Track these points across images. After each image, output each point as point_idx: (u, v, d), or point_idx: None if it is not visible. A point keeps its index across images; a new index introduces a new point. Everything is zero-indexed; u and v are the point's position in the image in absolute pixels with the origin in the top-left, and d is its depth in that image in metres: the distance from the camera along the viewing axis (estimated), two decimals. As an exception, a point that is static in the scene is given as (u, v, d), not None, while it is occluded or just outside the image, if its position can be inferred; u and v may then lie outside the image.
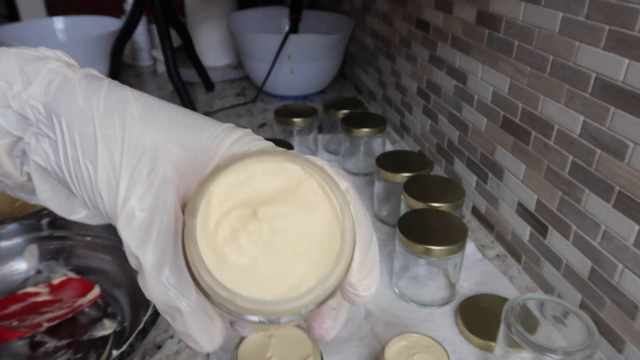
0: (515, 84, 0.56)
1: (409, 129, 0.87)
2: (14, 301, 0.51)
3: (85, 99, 0.22)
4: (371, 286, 0.23)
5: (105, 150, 0.21)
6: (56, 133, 0.22)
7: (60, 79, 0.23)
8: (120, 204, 0.21)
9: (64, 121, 0.22)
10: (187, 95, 0.92)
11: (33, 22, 1.10)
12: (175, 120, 0.23)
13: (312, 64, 1.00)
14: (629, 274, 0.43)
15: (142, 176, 0.21)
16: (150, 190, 0.21)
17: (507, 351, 0.41)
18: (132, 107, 0.22)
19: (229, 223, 0.20)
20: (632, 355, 0.44)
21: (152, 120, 0.22)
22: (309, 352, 0.40)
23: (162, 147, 0.22)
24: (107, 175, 0.21)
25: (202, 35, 1.18)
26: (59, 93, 0.22)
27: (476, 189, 0.66)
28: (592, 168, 0.46)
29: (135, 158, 0.21)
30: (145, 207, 0.21)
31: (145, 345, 0.47)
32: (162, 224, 0.21)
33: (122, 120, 0.22)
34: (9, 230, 0.54)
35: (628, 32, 0.41)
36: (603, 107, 0.44)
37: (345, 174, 0.23)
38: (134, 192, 0.21)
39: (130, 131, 0.22)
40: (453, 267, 0.52)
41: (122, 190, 0.21)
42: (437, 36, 0.72)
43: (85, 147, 0.22)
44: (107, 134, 0.22)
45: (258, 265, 0.19)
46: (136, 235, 0.21)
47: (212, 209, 0.20)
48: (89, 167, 0.22)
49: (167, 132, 0.22)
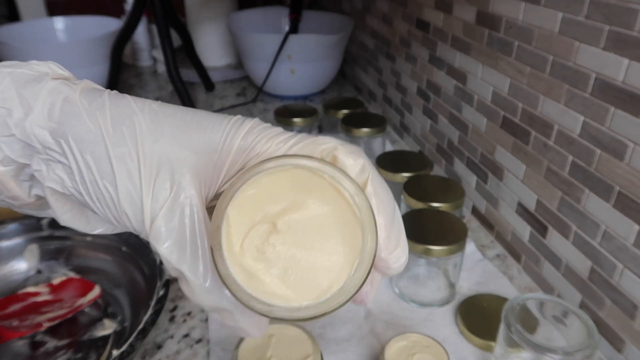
0: (515, 84, 0.56)
1: (409, 129, 0.87)
2: (14, 301, 0.51)
3: (91, 120, 0.22)
4: (401, 257, 0.23)
5: (122, 170, 0.21)
6: (68, 158, 0.22)
7: (61, 101, 0.23)
8: (148, 222, 0.21)
9: (74, 145, 0.22)
10: (187, 95, 0.92)
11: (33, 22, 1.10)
12: (184, 125, 0.23)
13: (312, 64, 1.00)
14: (628, 274, 0.43)
15: (165, 190, 0.21)
16: (175, 204, 0.21)
17: (507, 351, 0.41)
18: (139, 120, 0.22)
19: (252, 242, 0.20)
20: (631, 355, 0.44)
21: (162, 130, 0.22)
22: (309, 352, 0.40)
23: (177, 157, 0.22)
24: (129, 194, 0.21)
25: (202, 35, 1.18)
26: (64, 117, 0.22)
27: (476, 189, 0.66)
28: (592, 168, 0.46)
29: (154, 173, 0.22)
30: (174, 222, 0.21)
31: (146, 345, 0.48)
32: (194, 236, 0.21)
33: (132, 136, 0.22)
34: (10, 230, 0.54)
35: (628, 32, 0.41)
36: (603, 107, 0.44)
37: (360, 151, 0.23)
38: (160, 208, 0.21)
39: (143, 146, 0.22)
40: (453, 267, 0.52)
41: (147, 208, 0.21)
42: (437, 36, 0.72)
43: (101, 169, 0.22)
44: (121, 153, 0.22)
45: (288, 276, 0.20)
46: (173, 250, 0.21)
47: (233, 231, 0.21)
48: (109, 188, 0.22)
49: (179, 140, 0.22)
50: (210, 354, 0.46)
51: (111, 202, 0.22)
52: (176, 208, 0.21)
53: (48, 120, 0.22)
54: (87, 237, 0.55)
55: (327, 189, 0.21)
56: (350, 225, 0.20)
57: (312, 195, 0.21)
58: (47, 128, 0.22)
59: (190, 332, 0.49)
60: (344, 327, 0.49)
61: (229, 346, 0.46)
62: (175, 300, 0.53)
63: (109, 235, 0.54)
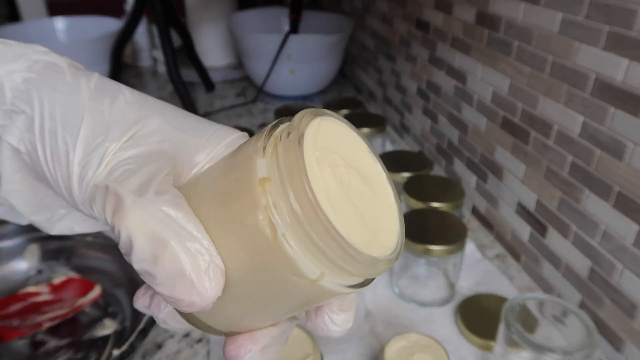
0: (514, 84, 0.56)
1: (409, 129, 0.87)
2: (14, 301, 0.51)
3: (73, 77, 0.20)
4: (349, 321, 0.22)
5: (89, 122, 0.19)
6: (34, 107, 0.20)
7: (46, 61, 0.21)
8: (102, 166, 0.18)
9: (46, 95, 0.20)
10: (187, 95, 0.92)
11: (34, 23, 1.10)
12: (172, 111, 0.21)
13: (312, 64, 1.00)
14: (628, 274, 0.43)
15: (137, 139, 0.19)
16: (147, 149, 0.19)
17: (506, 351, 0.42)
18: (125, 95, 0.20)
19: (327, 156, 0.17)
20: (631, 354, 0.44)
21: (150, 107, 0.21)
22: (309, 351, 0.40)
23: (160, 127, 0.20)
24: (88, 143, 0.19)
25: (202, 35, 1.18)
26: (45, 71, 0.20)
27: (476, 189, 0.67)
28: (592, 168, 0.46)
29: (130, 132, 0.19)
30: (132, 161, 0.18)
31: (146, 344, 0.48)
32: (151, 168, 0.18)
33: (112, 100, 0.20)
34: (10, 229, 0.54)
35: (627, 33, 0.41)
36: (602, 107, 0.44)
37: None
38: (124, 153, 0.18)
39: (122, 111, 0.20)
40: (453, 267, 0.52)
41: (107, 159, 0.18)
42: (437, 36, 0.72)
43: (67, 120, 0.19)
44: (96, 107, 0.19)
45: (341, 207, 0.16)
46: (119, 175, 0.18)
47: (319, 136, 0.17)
48: (67, 138, 0.19)
49: (165, 118, 0.21)
50: (211, 354, 0.46)
51: (64, 154, 0.19)
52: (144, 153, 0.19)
53: (27, 70, 0.20)
54: (87, 237, 0.55)
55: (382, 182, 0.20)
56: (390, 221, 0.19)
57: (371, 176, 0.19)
58: (23, 77, 0.20)
59: (190, 332, 0.49)
60: (344, 326, 0.50)
61: (229, 346, 0.46)
62: (176, 300, 0.53)
63: (109, 234, 0.54)
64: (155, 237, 0.16)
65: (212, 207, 0.17)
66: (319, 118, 0.18)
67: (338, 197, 0.17)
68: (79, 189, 0.19)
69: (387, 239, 0.18)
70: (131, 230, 0.17)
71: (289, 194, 0.15)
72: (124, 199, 0.17)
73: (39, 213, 0.23)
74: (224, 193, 0.17)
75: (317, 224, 0.15)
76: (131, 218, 0.16)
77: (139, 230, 0.16)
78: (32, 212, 0.23)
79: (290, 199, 0.15)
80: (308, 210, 0.15)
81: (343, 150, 0.18)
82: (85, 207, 0.19)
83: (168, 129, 0.20)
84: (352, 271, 0.16)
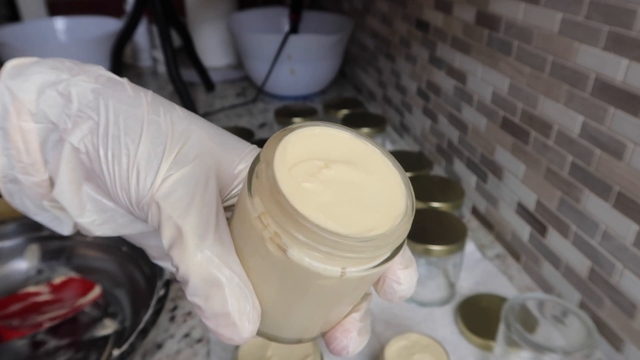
0: (514, 84, 0.56)
1: (409, 129, 0.87)
2: (15, 301, 0.51)
3: (134, 92, 0.23)
4: (413, 277, 0.23)
5: (150, 132, 0.22)
6: (100, 113, 0.22)
7: (108, 76, 0.24)
8: (160, 179, 0.21)
9: (111, 104, 0.22)
10: (188, 95, 0.92)
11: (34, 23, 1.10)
12: (216, 129, 0.24)
13: (312, 64, 1.00)
14: (628, 274, 0.43)
15: (187, 158, 0.22)
16: (194, 170, 0.21)
17: (506, 350, 0.42)
18: (176, 109, 0.23)
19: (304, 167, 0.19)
20: (631, 354, 0.44)
21: (197, 122, 0.23)
22: (308, 351, 0.40)
23: (206, 143, 0.23)
24: (148, 152, 0.21)
25: (202, 35, 1.18)
26: (109, 83, 0.23)
27: (476, 188, 0.67)
28: (592, 168, 0.46)
29: (180, 143, 0.22)
30: (187, 182, 0.21)
31: (146, 344, 0.48)
32: (205, 199, 0.21)
33: (168, 114, 0.23)
34: (10, 229, 0.54)
35: (627, 33, 0.41)
36: (602, 107, 0.44)
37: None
38: (177, 170, 0.21)
39: (175, 124, 0.22)
40: (453, 267, 0.52)
41: (164, 167, 0.21)
42: (436, 36, 0.72)
43: (129, 127, 0.22)
44: (154, 120, 0.22)
45: (335, 206, 0.18)
46: (178, 205, 0.20)
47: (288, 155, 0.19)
48: (129, 146, 0.22)
49: (210, 134, 0.23)
50: (211, 354, 0.46)
51: (126, 159, 0.22)
52: (194, 173, 0.21)
53: (94, 82, 0.23)
54: (87, 237, 0.55)
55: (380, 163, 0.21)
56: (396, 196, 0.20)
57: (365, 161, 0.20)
58: (91, 87, 0.23)
59: (190, 332, 0.49)
60: (344, 326, 0.50)
61: (229, 346, 0.46)
62: (176, 300, 0.53)
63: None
64: (210, 280, 0.19)
65: (239, 246, 0.20)
66: (285, 139, 0.19)
67: (328, 199, 0.18)
68: (135, 191, 0.21)
69: (396, 208, 0.20)
70: (190, 270, 0.19)
71: (281, 220, 0.17)
72: (186, 239, 0.19)
73: (84, 215, 0.25)
74: (241, 235, 0.20)
75: (312, 234, 0.17)
76: (192, 260, 0.19)
77: (197, 272, 0.19)
78: (79, 214, 0.25)
79: (283, 224, 0.17)
80: (300, 227, 0.17)
81: (322, 151, 0.20)
82: (139, 210, 0.22)
83: (209, 143, 0.23)
84: (366, 256, 0.18)
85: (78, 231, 0.26)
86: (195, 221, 0.20)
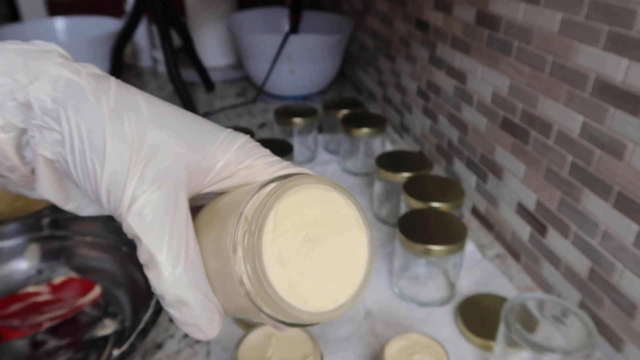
0: (514, 84, 0.56)
1: (409, 129, 0.87)
2: (14, 301, 0.51)
3: (95, 97, 0.22)
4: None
5: (114, 147, 0.21)
6: (62, 126, 0.22)
7: (67, 77, 0.23)
8: (127, 201, 0.21)
9: (72, 115, 0.22)
10: (188, 95, 0.92)
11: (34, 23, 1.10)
12: (185, 125, 0.23)
13: (312, 64, 1.00)
14: (628, 274, 0.43)
15: (152, 175, 0.22)
16: (162, 191, 0.22)
17: (506, 350, 0.42)
18: (142, 109, 0.23)
19: (287, 238, 0.21)
20: (631, 354, 0.44)
21: (164, 123, 0.23)
22: (308, 351, 0.40)
23: (173, 149, 0.22)
24: (114, 172, 0.21)
25: (202, 35, 1.18)
26: (68, 90, 0.23)
27: (476, 188, 0.67)
28: (592, 168, 0.46)
29: (147, 157, 0.22)
30: (156, 205, 0.21)
31: (146, 344, 0.48)
32: (176, 223, 0.21)
33: (132, 121, 0.22)
34: (10, 229, 0.54)
35: (627, 33, 0.41)
36: (602, 107, 0.44)
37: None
38: (143, 191, 0.21)
39: (141, 131, 0.22)
40: (453, 267, 0.52)
41: (130, 188, 0.21)
42: (436, 36, 0.72)
43: (93, 143, 0.22)
44: (118, 131, 0.22)
45: (303, 280, 0.21)
46: (149, 232, 0.21)
47: (277, 225, 0.21)
48: (95, 162, 0.22)
49: (178, 135, 0.23)
50: (211, 354, 0.46)
51: (93, 175, 0.22)
52: (162, 194, 0.21)
53: (52, 90, 0.23)
54: (87, 237, 0.55)
55: (352, 219, 0.23)
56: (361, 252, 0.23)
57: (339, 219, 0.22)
58: (50, 96, 0.22)
59: (190, 332, 0.49)
60: (344, 326, 0.50)
61: (229, 346, 0.46)
62: (176, 300, 0.53)
63: (109, 235, 0.54)
64: (181, 300, 0.22)
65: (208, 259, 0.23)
66: (274, 209, 0.21)
67: (299, 268, 0.21)
68: (108, 204, 0.22)
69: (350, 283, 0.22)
70: (164, 291, 0.21)
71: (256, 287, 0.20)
72: (160, 267, 0.21)
73: (69, 203, 0.27)
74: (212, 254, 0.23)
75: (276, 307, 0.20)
76: (166, 284, 0.21)
77: (170, 293, 0.22)
78: (64, 203, 0.27)
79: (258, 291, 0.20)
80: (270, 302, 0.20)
81: (308, 213, 0.22)
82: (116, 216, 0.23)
83: (178, 148, 0.23)
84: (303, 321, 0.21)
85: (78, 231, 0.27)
86: (167, 251, 0.21)
